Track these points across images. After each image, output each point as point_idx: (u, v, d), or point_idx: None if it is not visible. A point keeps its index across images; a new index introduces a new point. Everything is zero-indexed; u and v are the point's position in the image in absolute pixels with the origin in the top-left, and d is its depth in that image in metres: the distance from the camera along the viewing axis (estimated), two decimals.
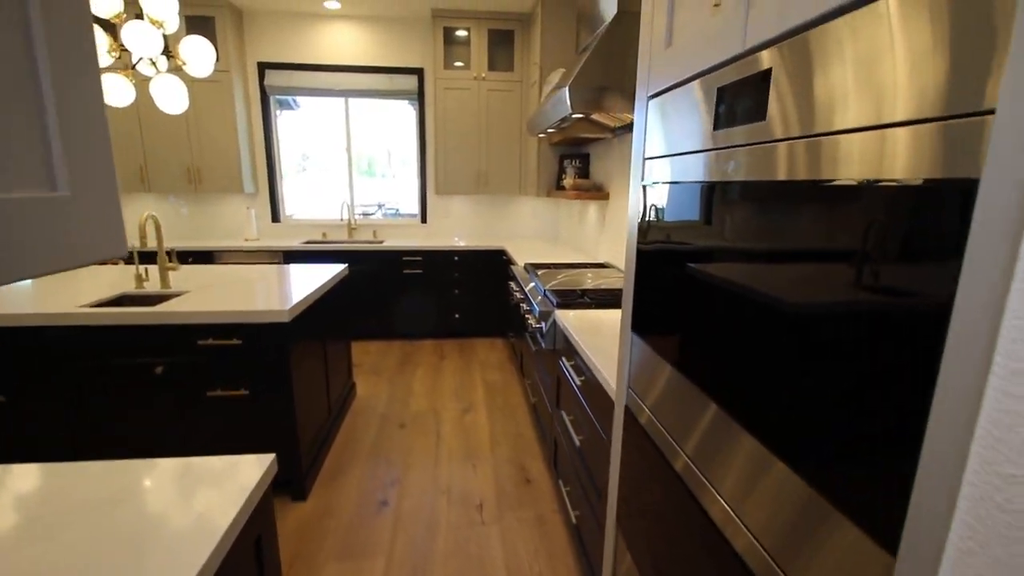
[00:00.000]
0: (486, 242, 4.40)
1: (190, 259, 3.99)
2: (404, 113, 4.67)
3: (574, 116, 2.05)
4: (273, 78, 4.29)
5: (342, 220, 4.62)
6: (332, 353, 2.69)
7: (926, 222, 0.42)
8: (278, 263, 4.06)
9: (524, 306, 2.47)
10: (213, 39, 3.93)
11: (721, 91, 0.74)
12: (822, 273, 0.55)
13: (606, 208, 3.25)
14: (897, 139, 0.44)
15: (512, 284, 3.00)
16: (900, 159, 0.44)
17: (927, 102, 0.42)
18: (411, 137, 4.69)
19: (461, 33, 4.26)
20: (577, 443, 1.59)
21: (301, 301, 2.10)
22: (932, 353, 0.41)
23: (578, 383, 1.61)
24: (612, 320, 1.89)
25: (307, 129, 4.95)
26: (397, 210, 6.30)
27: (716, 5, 0.70)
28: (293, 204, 4.94)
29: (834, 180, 0.52)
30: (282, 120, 4.56)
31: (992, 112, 0.37)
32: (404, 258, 4.18)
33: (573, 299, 2.15)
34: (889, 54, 0.45)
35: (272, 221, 4.59)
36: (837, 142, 0.51)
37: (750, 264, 0.68)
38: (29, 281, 2.37)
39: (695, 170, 0.83)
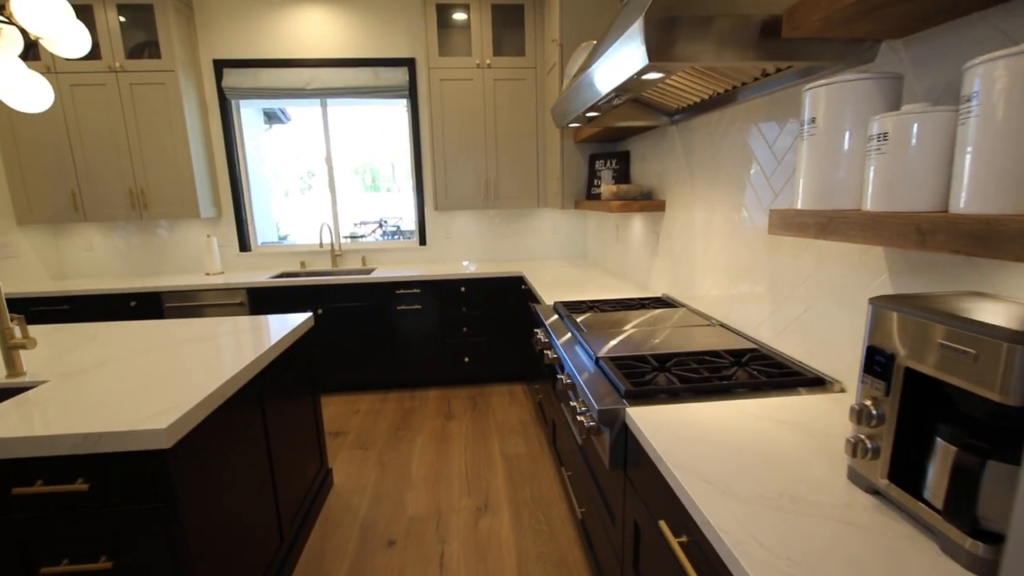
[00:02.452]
0: (498, 267, 3.57)
1: (133, 303, 3.21)
2: (403, 117, 3.88)
3: (646, 77, 1.21)
4: (233, 78, 3.53)
5: (321, 246, 3.82)
6: (288, 440, 1.86)
7: None
8: (240, 304, 3.27)
9: (564, 379, 1.63)
10: (154, 34, 3.19)
11: None
12: None
13: (660, 222, 2.41)
14: None
15: (539, 333, 2.16)
16: None
17: None
18: (406, 144, 3.90)
19: (459, 15, 3.48)
20: None
21: (202, 403, 1.28)
22: None
23: None
24: (735, 432, 1.04)
25: (303, 144, 4.24)
26: (398, 227, 5.52)
27: None
28: (291, 226, 4.43)
29: None
30: (272, 135, 3.85)
31: None
32: (398, 291, 3.37)
33: (647, 379, 1.30)
34: None
35: (240, 251, 3.81)
36: None
37: None
38: None
39: None
